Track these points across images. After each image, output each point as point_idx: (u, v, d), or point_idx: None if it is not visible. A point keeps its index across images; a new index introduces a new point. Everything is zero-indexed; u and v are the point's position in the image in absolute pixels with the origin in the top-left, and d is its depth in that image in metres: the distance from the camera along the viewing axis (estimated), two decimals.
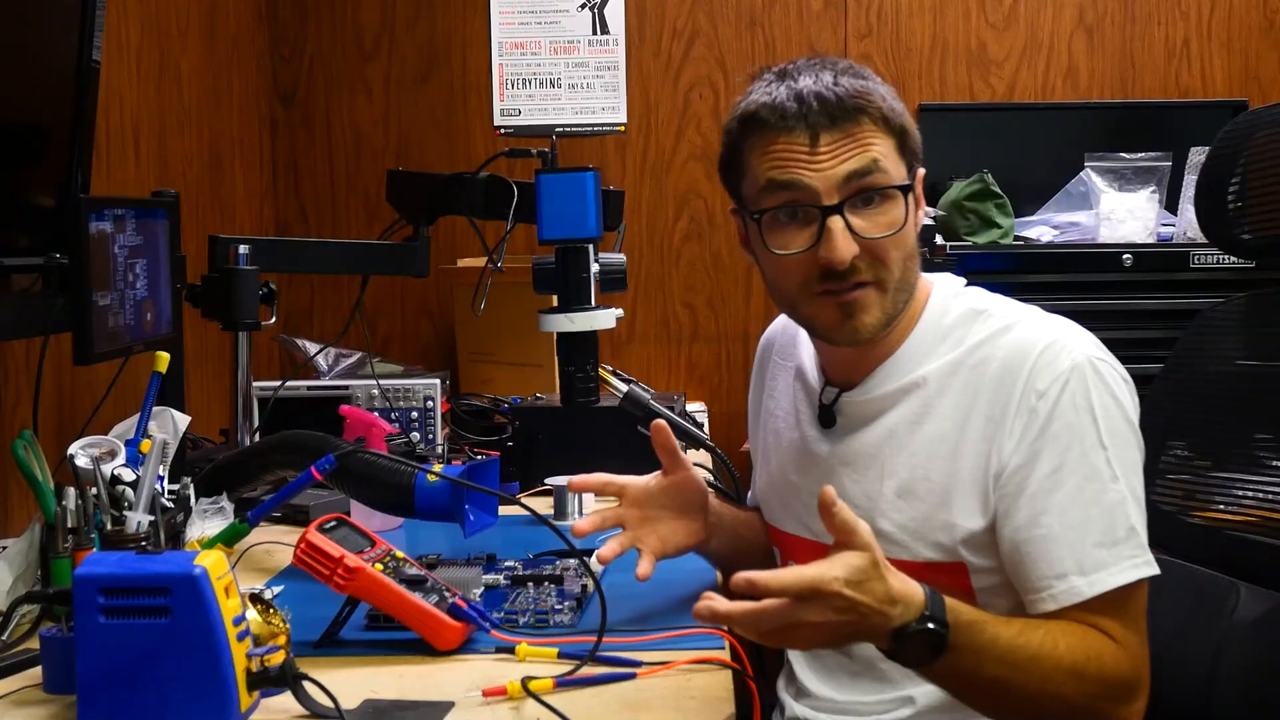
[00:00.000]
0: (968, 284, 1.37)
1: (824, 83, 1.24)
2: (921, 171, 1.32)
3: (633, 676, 1.18)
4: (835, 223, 1.23)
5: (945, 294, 1.34)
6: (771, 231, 1.27)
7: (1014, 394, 1.23)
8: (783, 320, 1.53)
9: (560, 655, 1.22)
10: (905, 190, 1.26)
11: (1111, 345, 1.28)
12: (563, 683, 1.15)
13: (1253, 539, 1.44)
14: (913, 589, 1.08)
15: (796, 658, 1.44)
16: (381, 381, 2.17)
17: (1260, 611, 1.38)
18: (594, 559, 1.40)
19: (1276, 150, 1.48)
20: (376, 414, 1.90)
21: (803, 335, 1.45)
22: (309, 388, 2.23)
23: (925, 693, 1.30)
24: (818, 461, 1.37)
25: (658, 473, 1.42)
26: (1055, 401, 1.21)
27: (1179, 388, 1.58)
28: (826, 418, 1.37)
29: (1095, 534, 1.19)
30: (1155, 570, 1.20)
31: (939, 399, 1.28)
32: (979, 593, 1.28)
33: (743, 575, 1.03)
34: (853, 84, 1.24)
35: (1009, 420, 1.23)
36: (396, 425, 2.06)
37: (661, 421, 1.42)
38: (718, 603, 1.04)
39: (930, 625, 1.07)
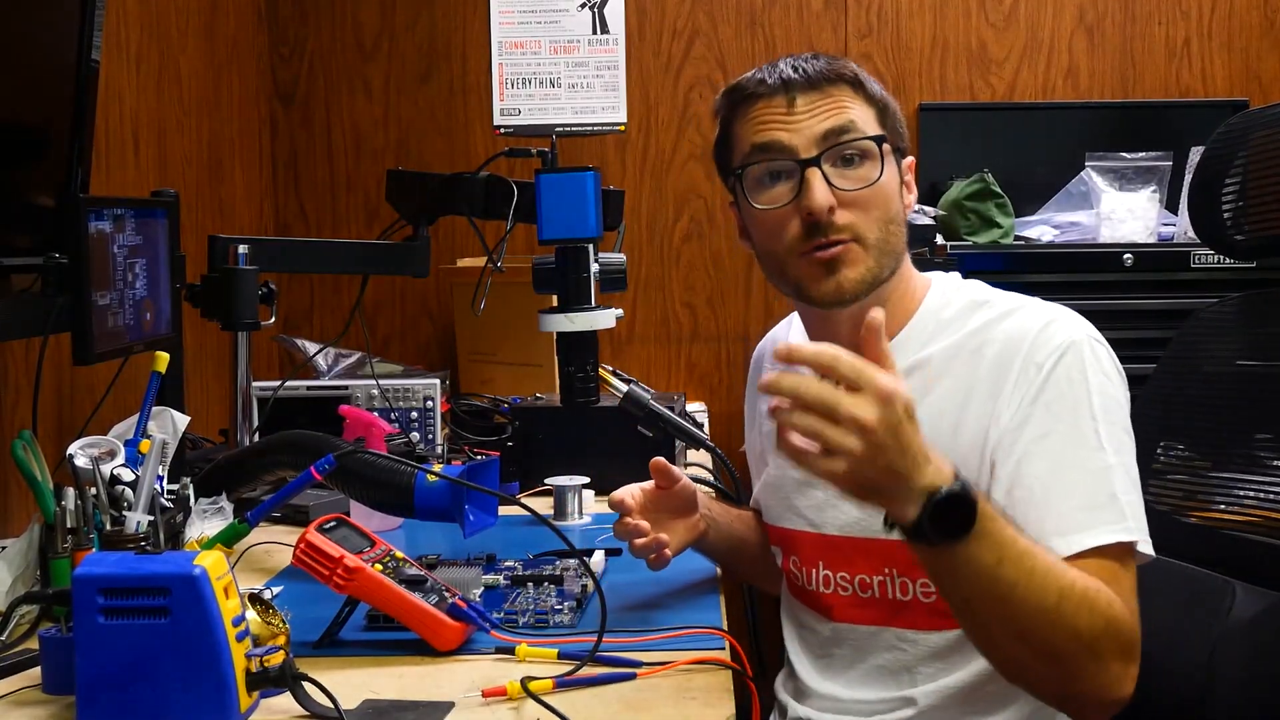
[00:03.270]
0: (965, 277, 1.40)
1: (803, 58, 1.32)
2: (909, 160, 1.36)
3: (633, 677, 1.18)
4: (813, 174, 1.27)
5: (945, 288, 1.37)
6: (754, 189, 1.32)
7: (1013, 368, 1.26)
8: (773, 331, 1.57)
9: (560, 655, 1.22)
10: (880, 141, 1.29)
11: (1111, 345, 1.28)
12: (563, 683, 1.15)
13: (1248, 538, 1.44)
14: (941, 457, 1.04)
15: (797, 656, 1.44)
16: (381, 381, 2.17)
17: (1256, 610, 1.38)
18: (594, 557, 1.41)
19: (1270, 152, 1.48)
20: (376, 414, 1.90)
21: (794, 339, 1.46)
22: (309, 388, 2.23)
23: (926, 693, 1.30)
24: None
25: (650, 483, 1.45)
26: (1050, 370, 1.24)
27: (1172, 388, 1.59)
28: None
29: (1077, 498, 1.19)
30: (1136, 538, 1.18)
31: (939, 380, 1.30)
32: None
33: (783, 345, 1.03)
34: (832, 60, 1.32)
35: (1007, 391, 1.25)
36: (396, 425, 2.06)
37: (658, 459, 1.43)
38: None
39: (964, 490, 1.03)
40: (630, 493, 1.43)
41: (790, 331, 1.50)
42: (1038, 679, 1.16)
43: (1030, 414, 1.23)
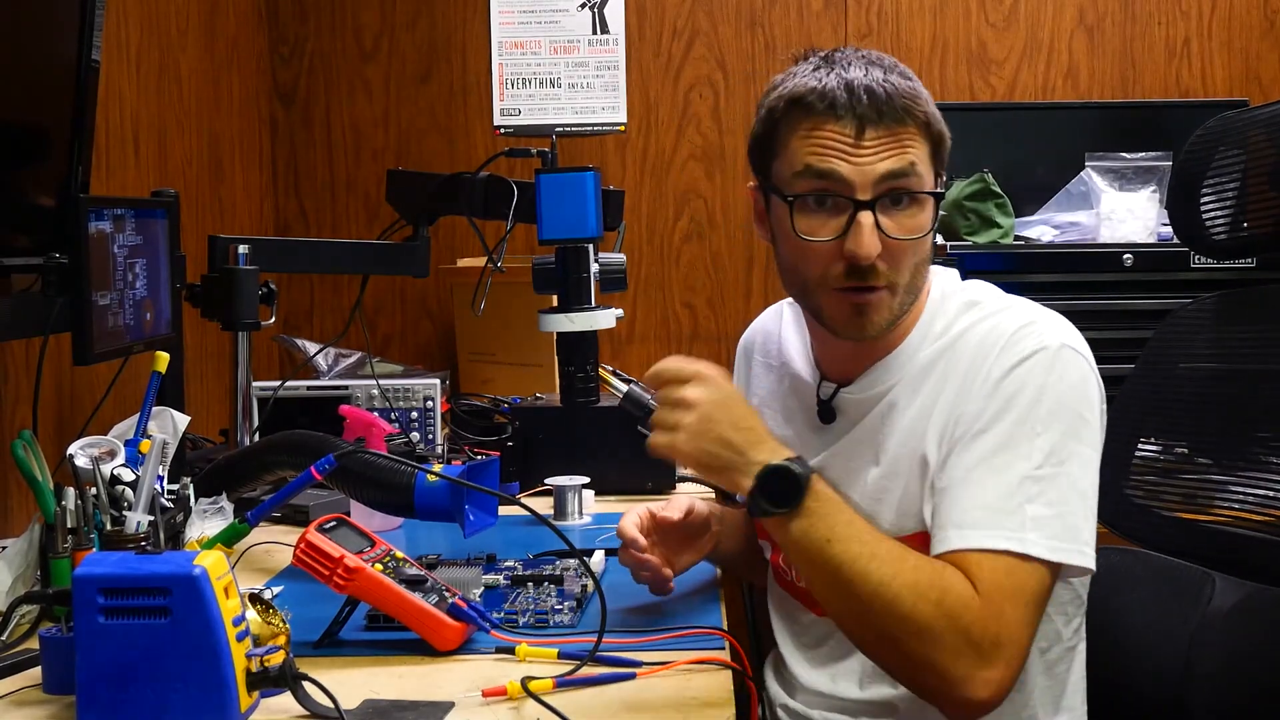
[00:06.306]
0: (965, 277, 1.40)
1: (874, 77, 1.25)
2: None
3: (633, 677, 1.18)
4: (866, 218, 1.24)
5: (943, 291, 1.36)
6: (801, 216, 1.27)
7: (981, 370, 1.26)
8: (760, 322, 1.57)
9: (560, 655, 1.22)
10: (937, 197, 1.27)
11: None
12: (563, 683, 1.15)
13: (1226, 530, 1.46)
14: (787, 449, 1.17)
15: (787, 647, 1.45)
16: (381, 381, 2.17)
17: (1235, 600, 1.40)
18: (594, 557, 1.40)
19: (1244, 155, 1.49)
20: (376, 414, 1.90)
21: (786, 334, 1.47)
22: (309, 388, 2.23)
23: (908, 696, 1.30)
24: (813, 459, 1.37)
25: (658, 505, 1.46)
26: (1009, 371, 1.24)
27: (1148, 386, 1.60)
28: (826, 414, 1.38)
29: (984, 498, 1.20)
30: (1030, 550, 1.17)
31: (923, 381, 1.31)
32: None
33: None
34: (902, 84, 1.25)
35: (974, 390, 1.25)
36: (396, 425, 2.06)
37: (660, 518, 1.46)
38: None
39: (794, 467, 1.13)
40: (638, 524, 1.42)
41: (781, 325, 1.50)
42: (888, 667, 1.21)
43: (981, 410, 1.24)
